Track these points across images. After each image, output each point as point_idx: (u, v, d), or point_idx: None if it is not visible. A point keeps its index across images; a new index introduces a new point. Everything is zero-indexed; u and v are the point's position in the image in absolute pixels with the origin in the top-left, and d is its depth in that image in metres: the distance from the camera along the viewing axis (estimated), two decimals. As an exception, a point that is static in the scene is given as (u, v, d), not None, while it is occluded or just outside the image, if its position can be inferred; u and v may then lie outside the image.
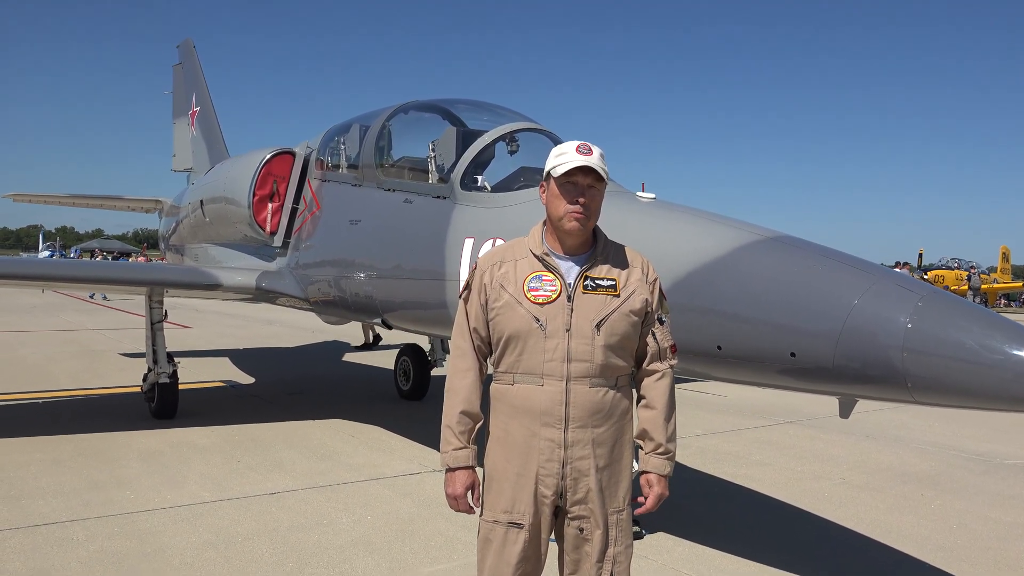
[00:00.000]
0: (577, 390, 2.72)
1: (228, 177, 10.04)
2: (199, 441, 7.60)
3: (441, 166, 6.60)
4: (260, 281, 8.67)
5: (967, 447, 8.26)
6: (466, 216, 5.99)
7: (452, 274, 5.85)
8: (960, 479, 7.00)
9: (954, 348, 3.38)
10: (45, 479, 6.20)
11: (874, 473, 7.11)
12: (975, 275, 37.41)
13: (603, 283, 2.76)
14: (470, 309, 2.88)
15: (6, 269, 9.43)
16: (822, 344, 3.73)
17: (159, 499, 5.77)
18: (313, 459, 7.04)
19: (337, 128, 8.62)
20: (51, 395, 10.00)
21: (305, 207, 8.70)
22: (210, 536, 5.06)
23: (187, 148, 15.02)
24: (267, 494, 5.97)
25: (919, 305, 3.53)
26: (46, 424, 8.13)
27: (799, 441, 8.33)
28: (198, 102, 14.79)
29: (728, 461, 7.35)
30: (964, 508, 6.11)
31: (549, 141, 6.39)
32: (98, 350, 14.59)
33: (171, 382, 8.65)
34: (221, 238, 10.49)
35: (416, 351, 10.55)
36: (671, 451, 2.85)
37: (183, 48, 15.69)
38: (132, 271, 11.04)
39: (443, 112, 7.47)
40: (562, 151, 2.79)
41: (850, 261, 4.00)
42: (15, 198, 16.60)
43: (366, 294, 7.20)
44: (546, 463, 2.74)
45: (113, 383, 10.94)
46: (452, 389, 2.86)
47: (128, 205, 16.55)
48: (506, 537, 2.79)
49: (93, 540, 4.93)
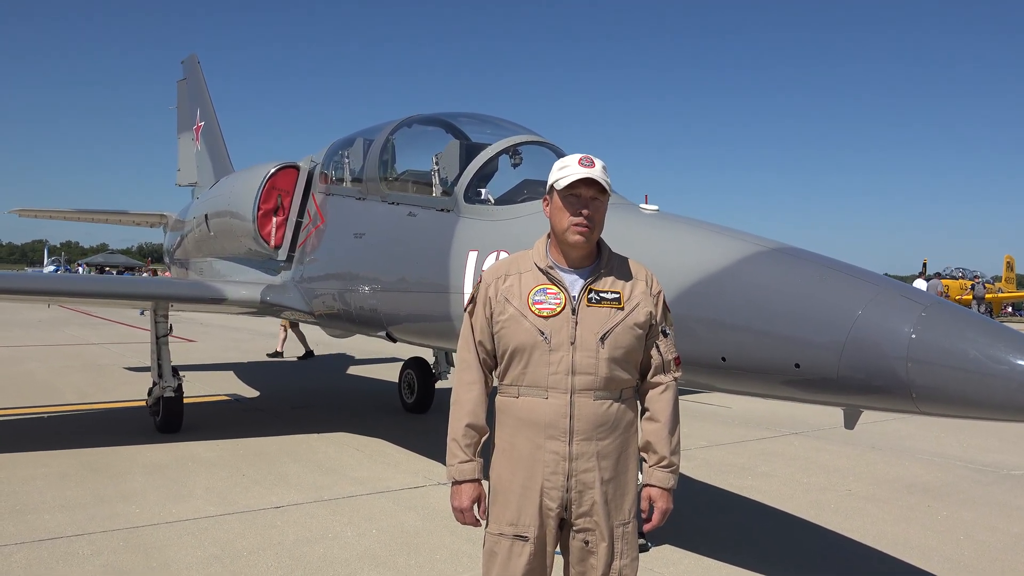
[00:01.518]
0: (581, 403, 2.73)
1: (232, 191, 10.09)
2: (204, 455, 7.61)
3: (445, 179, 6.62)
4: (265, 295, 8.69)
5: (973, 458, 8.23)
6: (470, 229, 6.01)
7: (456, 287, 5.86)
8: (967, 490, 6.97)
9: (959, 358, 3.38)
10: (50, 493, 6.21)
11: (880, 484, 7.08)
12: (980, 284, 37.30)
13: (607, 296, 2.77)
14: (475, 322, 2.89)
15: (12, 284, 9.46)
16: (826, 355, 3.73)
17: (164, 513, 5.78)
18: (318, 473, 7.04)
19: (341, 142, 8.66)
20: (57, 409, 10.02)
21: (309, 221, 8.73)
22: (215, 550, 5.05)
23: (192, 162, 15.09)
24: (272, 508, 5.96)
25: (923, 315, 3.53)
26: (52, 438, 8.14)
27: (804, 452, 8.31)
28: (202, 117, 14.88)
29: (733, 473, 7.33)
30: (971, 519, 6.09)
31: (552, 154, 6.42)
32: (103, 364, 14.62)
33: (176, 396, 8.67)
34: (226, 252, 10.52)
35: (420, 364, 10.56)
36: (675, 464, 2.85)
37: (187, 63, 15.79)
38: (137, 286, 11.08)
39: (446, 125, 7.50)
40: (564, 164, 2.81)
41: (854, 272, 4.00)
42: (20, 213, 16.69)
43: (370, 307, 7.21)
44: (551, 475, 2.74)
45: (118, 397, 10.96)
46: (458, 402, 2.87)
47: (133, 220, 16.63)
48: (511, 550, 2.79)
49: (99, 555, 4.93)
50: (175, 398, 8.65)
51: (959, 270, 39.99)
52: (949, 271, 39.10)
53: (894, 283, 3.92)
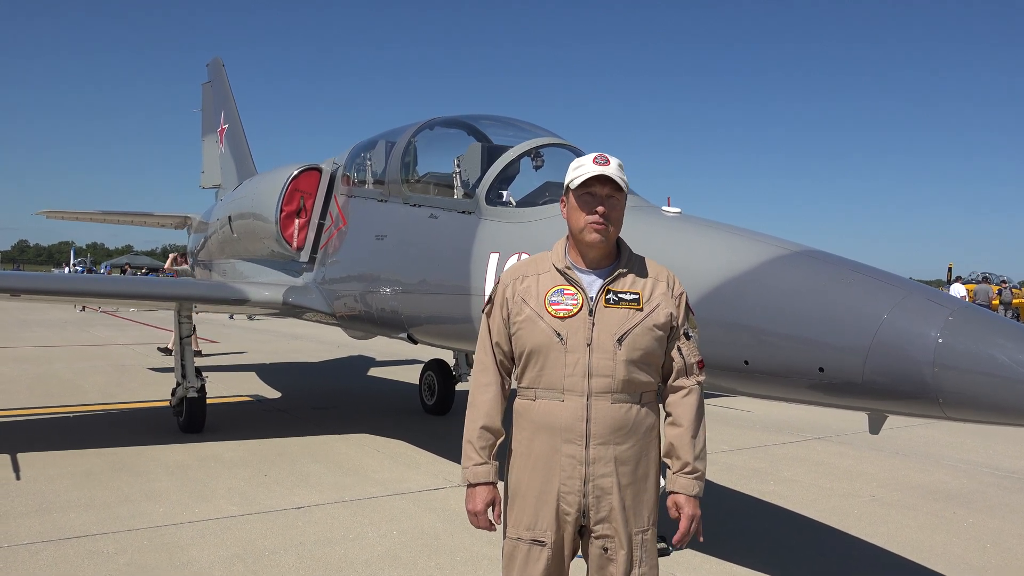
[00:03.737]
0: (598, 406, 2.69)
1: (256, 193, 10.17)
2: (226, 455, 7.66)
3: (466, 181, 6.63)
4: (287, 296, 8.74)
5: (1000, 464, 8.11)
6: (491, 231, 6.01)
7: (477, 289, 5.87)
8: (993, 497, 6.87)
9: (986, 363, 3.32)
10: (76, 492, 6.27)
11: (905, 490, 7.00)
12: (1007, 289, 36.76)
13: (625, 297, 2.73)
14: (492, 323, 2.88)
15: (39, 284, 9.59)
16: (851, 359, 3.69)
17: (187, 513, 5.82)
18: (339, 473, 7.07)
19: (363, 144, 8.70)
20: (82, 409, 10.13)
21: (331, 223, 8.78)
22: (237, 550, 5.09)
23: (216, 165, 15.25)
24: (294, 508, 5.99)
25: (950, 319, 3.48)
26: (77, 438, 8.23)
27: (828, 457, 8.23)
28: (227, 119, 15.02)
29: (755, 478, 7.27)
30: (998, 527, 6.00)
31: (574, 156, 6.40)
32: (127, 365, 14.77)
33: (199, 396, 8.74)
34: (249, 254, 10.60)
35: (441, 366, 10.58)
36: (700, 471, 2.78)
37: (212, 67, 15.96)
38: (162, 287, 11.18)
39: (468, 128, 7.52)
40: (579, 163, 2.80)
41: (879, 275, 3.96)
42: (48, 215, 16.95)
43: (392, 309, 7.23)
44: (567, 480, 2.71)
45: (142, 397, 11.07)
46: (474, 404, 2.86)
47: (157, 221, 16.81)
48: (529, 555, 2.76)
49: (123, 553, 4.98)
50: (198, 399, 8.72)
51: (985, 274, 39.44)
52: (975, 276, 38.58)
53: (920, 287, 3.87)
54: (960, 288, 26.29)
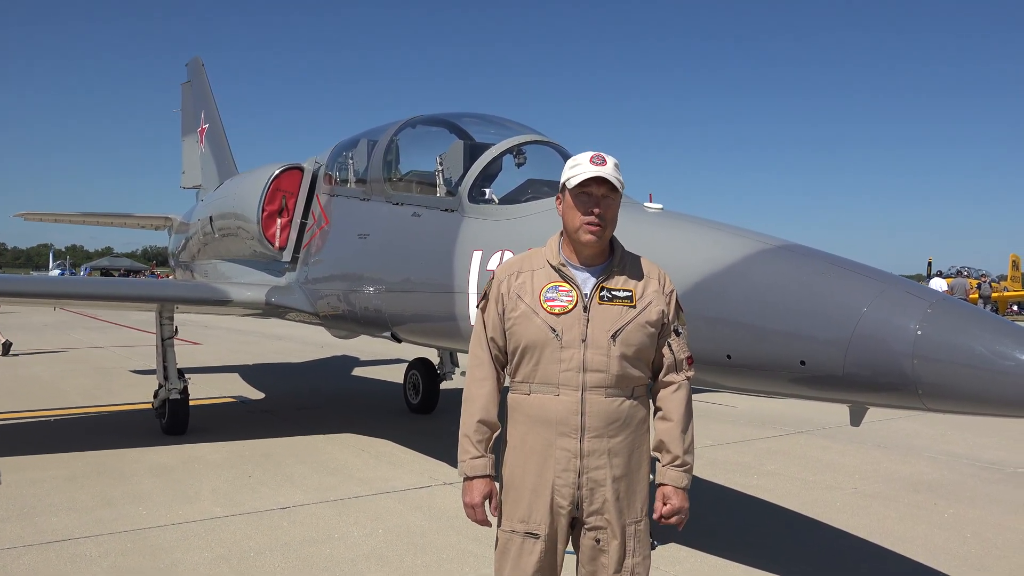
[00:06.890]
0: (593, 400, 2.73)
1: (237, 193, 10.11)
2: (210, 457, 7.62)
3: (449, 179, 6.63)
4: (270, 296, 8.71)
5: (980, 455, 8.21)
6: (474, 229, 6.01)
7: (460, 287, 5.86)
8: (973, 488, 6.95)
9: (965, 354, 3.37)
10: (58, 496, 6.22)
11: (886, 482, 7.07)
12: (986, 284, 37.16)
13: (619, 294, 2.77)
14: (487, 318, 2.89)
15: (19, 287, 9.49)
16: (832, 352, 3.73)
17: (171, 515, 5.79)
18: (324, 473, 7.05)
19: (345, 143, 8.67)
20: (63, 412, 10.04)
21: (314, 222, 8.75)
22: (222, 551, 5.07)
23: (196, 165, 15.13)
24: (278, 509, 5.98)
25: (928, 312, 3.52)
26: (58, 441, 8.17)
27: (810, 451, 8.30)
28: (207, 119, 14.91)
29: (739, 471, 7.32)
30: (978, 517, 6.08)
31: (556, 153, 6.43)
32: (108, 367, 14.66)
33: (182, 398, 8.69)
34: (231, 254, 10.54)
35: (426, 365, 10.56)
36: (688, 463, 2.83)
37: (192, 66, 15.83)
38: (143, 288, 11.11)
39: (450, 126, 7.51)
40: (576, 162, 2.82)
41: (859, 269, 3.99)
42: (26, 217, 16.74)
43: (375, 308, 7.22)
44: (562, 473, 2.74)
45: (124, 400, 10.99)
46: (469, 398, 2.87)
47: (138, 223, 16.65)
48: (522, 547, 2.79)
49: (106, 556, 4.95)
50: (181, 400, 8.68)
51: (965, 269, 39.87)
52: (954, 270, 38.99)
53: (900, 280, 3.91)
54: (941, 283, 26.51)
